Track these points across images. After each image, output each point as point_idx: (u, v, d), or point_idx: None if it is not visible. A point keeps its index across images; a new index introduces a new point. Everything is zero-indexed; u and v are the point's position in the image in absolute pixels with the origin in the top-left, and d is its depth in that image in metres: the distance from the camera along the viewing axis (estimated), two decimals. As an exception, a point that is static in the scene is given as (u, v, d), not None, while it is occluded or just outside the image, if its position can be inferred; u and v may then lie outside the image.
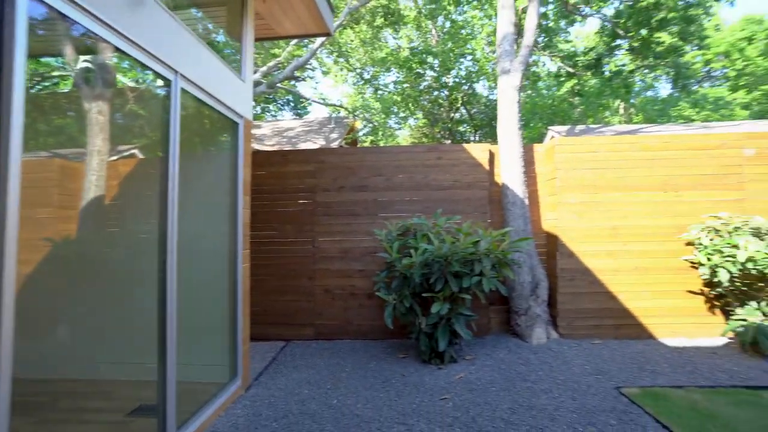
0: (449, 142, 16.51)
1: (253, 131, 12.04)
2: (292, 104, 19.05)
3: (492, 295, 3.80)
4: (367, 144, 14.63)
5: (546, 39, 11.83)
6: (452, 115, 16.28)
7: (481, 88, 16.28)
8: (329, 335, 4.49)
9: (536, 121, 15.96)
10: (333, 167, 4.61)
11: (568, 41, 12.44)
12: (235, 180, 3.16)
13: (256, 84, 9.20)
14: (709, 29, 17.20)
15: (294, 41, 9.93)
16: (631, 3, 8.60)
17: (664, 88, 23.75)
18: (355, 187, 4.57)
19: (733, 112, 18.25)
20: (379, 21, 12.38)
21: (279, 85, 10.29)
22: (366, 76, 14.30)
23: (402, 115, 15.15)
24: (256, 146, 9.48)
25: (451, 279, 3.23)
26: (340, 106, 11.94)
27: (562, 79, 12.53)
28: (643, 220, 4.22)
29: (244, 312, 3.15)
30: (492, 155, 4.55)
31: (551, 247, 4.35)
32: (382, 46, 14.86)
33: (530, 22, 4.66)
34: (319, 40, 8.83)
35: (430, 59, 13.28)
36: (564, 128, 10.89)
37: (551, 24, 10.90)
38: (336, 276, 4.54)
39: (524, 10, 4.83)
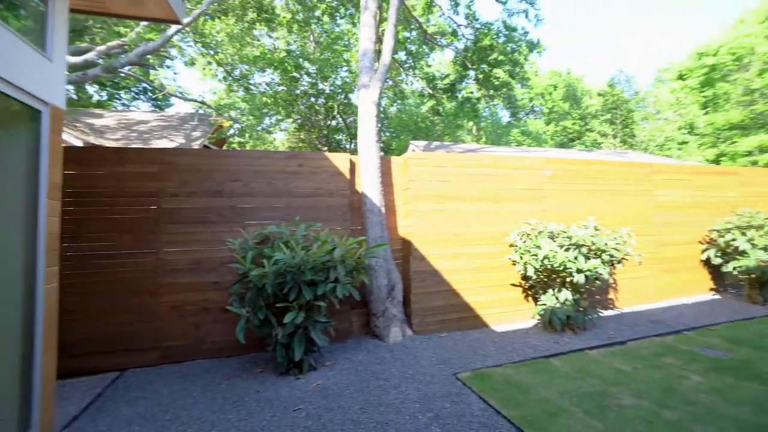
0: (326, 149, 16.64)
1: (93, 121, 9.98)
2: (150, 94, 16.51)
3: (353, 299, 3.94)
4: (235, 146, 13.64)
5: (412, 61, 13.05)
6: (329, 122, 16.48)
7: (356, 99, 16.97)
8: (178, 357, 3.98)
9: (405, 135, 17.42)
10: (182, 170, 4.13)
11: (429, 65, 13.95)
12: (36, 182, 2.54)
13: (87, 65, 7.65)
14: (531, 74, 21.64)
15: (144, 22, 8.62)
16: (474, 41, 10.20)
17: (505, 117, 28.83)
18: (209, 192, 4.18)
19: (546, 141, 23.41)
20: (251, 15, 11.74)
21: (126, 70, 8.78)
22: (237, 73, 13.36)
23: (277, 118, 14.64)
24: (93, 140, 7.85)
25: (305, 288, 3.23)
26: (202, 102, 10.84)
27: (425, 99, 13.95)
28: (480, 226, 4.97)
29: (47, 345, 2.54)
30: (353, 165, 4.74)
31: (406, 251, 4.76)
32: (258, 44, 14.14)
33: (387, 44, 5.06)
34: (175, 27, 7.86)
35: (306, 64, 13.21)
36: (423, 143, 12.14)
37: (415, 48, 12.06)
38: (186, 290, 4.06)
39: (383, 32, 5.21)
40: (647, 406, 2.83)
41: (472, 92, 12.51)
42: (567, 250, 4.45)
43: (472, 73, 11.64)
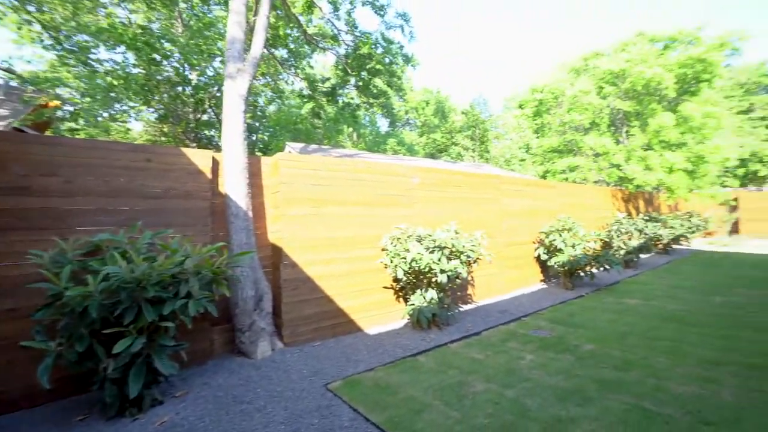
0: (194, 145, 14.80)
1: None
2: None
3: (213, 315, 3.45)
4: (67, 134, 10.98)
5: (294, 60, 12.62)
6: (198, 116, 14.70)
7: (229, 92, 15.56)
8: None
9: (286, 135, 16.75)
10: (-45, 157, 3.02)
11: (311, 67, 13.74)
12: None
13: None
14: (407, 88, 23.48)
15: None
16: (354, 48, 10.44)
17: (384, 126, 30.58)
18: (4, 189, 3.15)
19: (418, 151, 25.76)
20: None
21: None
22: (74, 44, 10.73)
23: (130, 104, 12.30)
24: None
25: (147, 307, 2.68)
26: (7, 71, 8.39)
27: (306, 100, 13.67)
28: (354, 230, 4.99)
29: None
30: (216, 163, 4.23)
31: (276, 258, 4.46)
32: (107, 11, 11.65)
33: (258, 35, 4.70)
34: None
35: (168, 46, 11.47)
36: (300, 145, 11.85)
37: (296, 48, 11.70)
38: (-39, 324, 2.96)
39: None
40: (495, 389, 3.20)
41: (352, 98, 12.77)
42: (432, 252, 4.81)
43: (353, 79, 11.88)
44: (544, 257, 7.60)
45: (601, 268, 7.30)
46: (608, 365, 3.62)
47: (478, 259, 5.17)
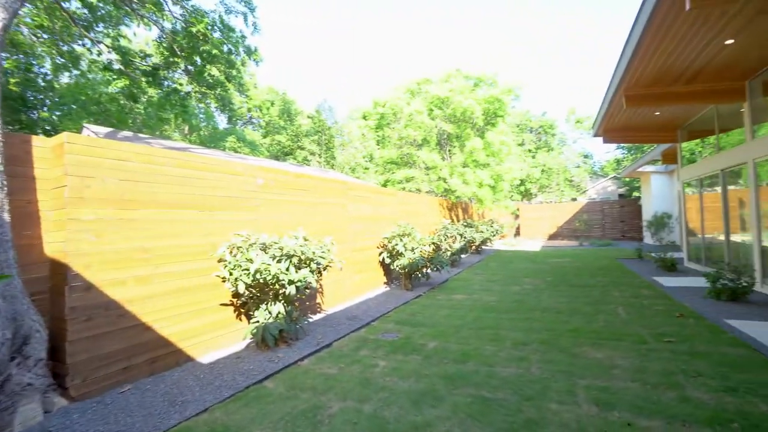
0: None
1: None
2: None
3: None
4: None
5: (103, 26, 9.86)
6: None
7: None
8: None
9: (85, 117, 13.00)
10: None
11: (125, 37, 11.06)
12: None
13: None
14: (250, 84, 21.84)
15: None
16: (184, 24, 8.89)
17: (223, 122, 27.57)
18: None
19: (262, 152, 24.18)
20: None
21: None
22: None
23: None
24: None
25: None
26: None
27: (115, 77, 10.93)
28: (180, 239, 4.06)
29: None
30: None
31: (58, 280, 3.18)
32: None
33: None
34: None
35: None
36: (106, 130, 9.43)
37: (96, 3, 9.17)
38: None
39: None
40: (352, 407, 3.00)
41: (182, 84, 10.86)
42: (279, 261, 4.35)
43: (183, 64, 10.09)
44: (387, 261, 8.04)
45: (435, 269, 8.20)
46: (449, 360, 3.93)
47: (328, 266, 4.97)
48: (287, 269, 4.21)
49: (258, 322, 4.28)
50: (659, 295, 6.65)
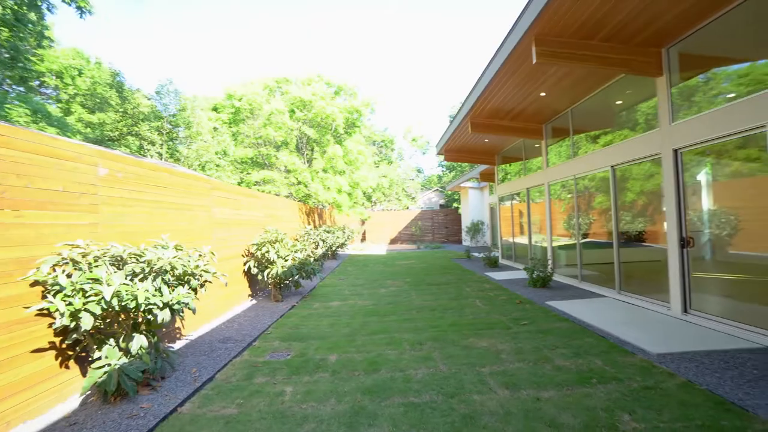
0: None
1: None
2: None
3: None
4: None
5: None
6: None
7: None
8: None
9: None
10: None
11: None
12: None
13: None
14: (46, 43, 16.17)
15: None
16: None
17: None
18: None
19: (75, 134, 18.00)
20: None
21: None
22: None
23: None
24: None
25: None
26: None
27: None
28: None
29: None
30: None
31: None
32: None
33: None
34: None
35: None
36: None
37: None
38: None
39: None
40: (273, 450, 2.47)
41: None
42: (142, 279, 3.29)
43: None
44: (255, 271, 7.20)
45: (306, 277, 7.79)
46: (360, 371, 3.74)
47: (206, 281, 4.06)
48: (159, 289, 3.20)
49: (108, 365, 3.09)
50: (497, 287, 8.12)
